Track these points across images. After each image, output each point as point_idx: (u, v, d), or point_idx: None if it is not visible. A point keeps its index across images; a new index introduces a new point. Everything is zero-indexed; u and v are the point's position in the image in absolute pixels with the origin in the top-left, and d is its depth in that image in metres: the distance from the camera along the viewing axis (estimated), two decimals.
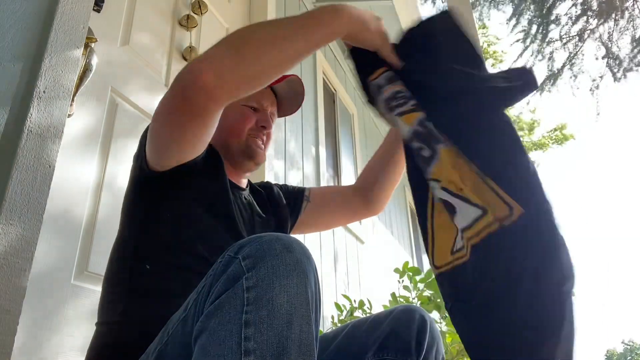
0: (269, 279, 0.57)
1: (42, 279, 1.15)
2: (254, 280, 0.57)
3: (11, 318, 0.83)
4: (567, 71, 5.20)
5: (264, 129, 1.05)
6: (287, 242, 0.61)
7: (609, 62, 4.96)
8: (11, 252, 0.84)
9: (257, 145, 1.04)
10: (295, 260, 0.60)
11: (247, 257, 0.59)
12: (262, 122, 1.05)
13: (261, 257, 0.59)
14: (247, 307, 0.56)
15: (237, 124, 1.03)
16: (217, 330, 0.56)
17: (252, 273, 0.58)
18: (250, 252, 0.60)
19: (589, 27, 4.91)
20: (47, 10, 1.01)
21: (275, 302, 0.56)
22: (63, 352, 1.17)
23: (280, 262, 0.59)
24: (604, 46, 4.92)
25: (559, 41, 5.04)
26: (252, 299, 0.56)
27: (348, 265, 3.10)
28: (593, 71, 5.11)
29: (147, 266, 0.83)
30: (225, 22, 2.25)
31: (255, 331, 0.55)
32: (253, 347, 0.54)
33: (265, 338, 0.54)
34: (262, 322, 0.55)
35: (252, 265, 0.58)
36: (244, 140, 1.03)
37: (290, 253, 0.60)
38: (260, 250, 0.60)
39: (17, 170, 0.87)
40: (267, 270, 0.58)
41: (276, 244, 0.60)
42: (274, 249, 0.60)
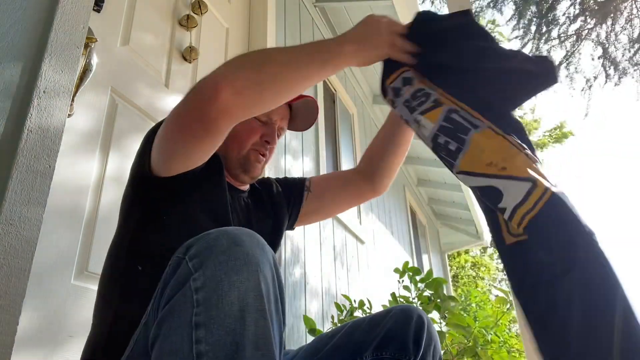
0: (218, 277, 0.55)
1: (42, 279, 1.15)
2: (202, 280, 0.55)
3: (11, 318, 0.83)
4: (564, 70, 5.20)
5: (267, 144, 1.03)
6: (235, 236, 0.59)
7: (605, 62, 4.96)
8: (11, 252, 0.84)
9: (257, 159, 1.03)
10: (245, 253, 0.58)
11: (194, 257, 0.58)
12: (267, 137, 1.03)
13: (208, 255, 0.57)
14: (196, 308, 0.54)
15: (242, 135, 1.01)
16: (169, 336, 0.55)
17: (200, 273, 0.56)
18: (196, 251, 0.58)
19: (586, 26, 4.91)
20: (47, 10, 1.01)
21: (226, 300, 0.54)
22: (63, 352, 1.17)
23: (229, 257, 0.57)
24: (601, 46, 4.92)
25: (557, 39, 5.04)
26: (202, 300, 0.55)
27: (348, 265, 3.10)
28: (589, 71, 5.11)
29: (140, 267, 0.82)
30: (225, 22, 2.25)
31: (206, 332, 0.53)
32: (205, 349, 0.52)
33: (216, 338, 0.53)
34: (213, 323, 0.53)
35: (199, 265, 0.56)
36: (245, 152, 1.02)
37: (239, 246, 0.58)
38: (207, 248, 0.58)
39: (17, 170, 0.87)
40: (214, 268, 0.56)
41: (223, 239, 0.58)
42: (221, 245, 0.58)
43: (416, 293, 2.17)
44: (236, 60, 0.78)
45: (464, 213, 6.67)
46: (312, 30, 3.26)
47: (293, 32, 2.87)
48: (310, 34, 3.19)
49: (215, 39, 2.16)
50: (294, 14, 2.96)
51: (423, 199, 6.60)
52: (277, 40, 2.56)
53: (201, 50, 1.99)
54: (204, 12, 2.03)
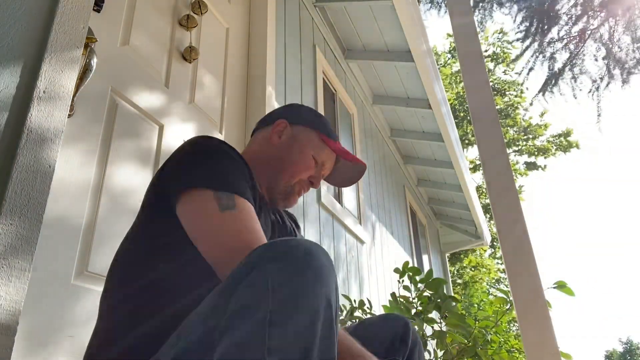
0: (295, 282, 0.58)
1: (42, 279, 1.15)
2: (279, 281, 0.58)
3: (11, 318, 0.83)
4: (568, 72, 5.19)
5: (311, 185, 1.09)
6: (310, 247, 0.62)
7: (609, 63, 4.95)
8: (11, 252, 0.84)
9: (299, 193, 1.08)
10: (320, 265, 0.61)
11: (274, 260, 0.60)
12: (313, 179, 1.09)
13: (287, 260, 0.60)
14: (272, 307, 0.57)
15: (298, 167, 1.06)
16: (241, 328, 0.57)
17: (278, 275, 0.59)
18: (276, 255, 0.61)
19: (589, 27, 4.91)
20: (47, 10, 1.01)
21: (300, 305, 0.57)
22: (63, 352, 1.17)
23: (305, 265, 0.60)
24: (605, 47, 4.92)
25: (560, 41, 5.04)
26: (278, 301, 0.57)
27: (348, 265, 3.10)
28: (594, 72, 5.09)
29: (161, 265, 0.83)
30: (225, 22, 2.25)
31: (280, 332, 0.55)
32: (278, 347, 0.55)
33: (289, 340, 0.55)
34: (287, 323, 0.56)
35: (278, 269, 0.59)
36: (293, 183, 1.06)
37: (314, 258, 0.61)
38: (286, 253, 0.61)
39: (17, 170, 0.87)
40: (292, 273, 0.59)
41: (301, 247, 0.62)
42: (299, 253, 0.61)
43: (416, 293, 2.17)
44: None
45: (464, 213, 6.67)
46: (312, 30, 3.26)
47: (293, 32, 2.87)
48: (310, 34, 3.19)
49: (215, 39, 2.16)
50: (294, 14, 2.96)
51: (423, 199, 6.60)
52: (277, 40, 2.56)
53: (201, 50, 1.99)
54: (204, 12, 2.03)
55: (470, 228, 7.15)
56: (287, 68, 2.65)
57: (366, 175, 4.01)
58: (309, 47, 3.11)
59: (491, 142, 1.41)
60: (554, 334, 1.20)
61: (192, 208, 0.82)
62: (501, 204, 1.32)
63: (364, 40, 3.77)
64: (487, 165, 1.38)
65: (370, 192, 4.04)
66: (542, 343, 1.18)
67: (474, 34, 1.59)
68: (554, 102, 5.45)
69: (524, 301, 1.20)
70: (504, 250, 1.28)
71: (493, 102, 1.47)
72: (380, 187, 4.42)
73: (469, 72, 1.53)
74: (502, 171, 1.35)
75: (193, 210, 0.81)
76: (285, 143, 1.09)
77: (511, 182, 1.34)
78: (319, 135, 1.11)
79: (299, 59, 2.88)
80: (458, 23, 1.62)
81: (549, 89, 5.47)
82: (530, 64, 5.38)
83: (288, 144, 1.09)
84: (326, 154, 1.11)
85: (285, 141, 1.09)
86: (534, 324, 1.18)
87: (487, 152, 1.40)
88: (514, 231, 1.28)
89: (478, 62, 1.54)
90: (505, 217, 1.30)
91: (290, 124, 1.12)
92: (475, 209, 6.19)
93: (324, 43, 3.46)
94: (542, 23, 4.95)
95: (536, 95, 5.66)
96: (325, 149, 1.11)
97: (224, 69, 2.18)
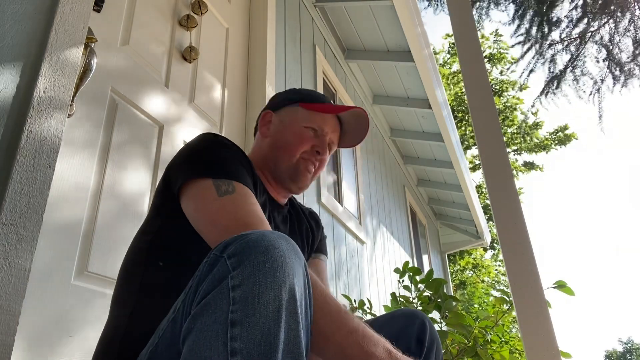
0: (255, 277, 0.56)
1: (42, 279, 1.15)
2: (240, 278, 0.56)
3: (11, 318, 0.83)
4: (570, 74, 5.19)
5: (317, 154, 1.04)
6: (273, 239, 0.60)
7: (610, 64, 4.95)
8: (11, 252, 0.84)
9: (307, 168, 1.04)
10: (282, 256, 0.59)
11: (233, 256, 0.59)
12: (317, 147, 1.04)
13: (247, 254, 0.58)
14: (232, 306, 0.55)
15: (293, 144, 1.03)
16: (203, 330, 0.55)
17: (238, 271, 0.57)
18: (235, 250, 0.59)
19: (590, 29, 4.91)
20: (47, 10, 1.01)
21: (262, 300, 0.55)
22: (63, 352, 1.17)
23: (267, 258, 0.58)
24: (605, 48, 4.92)
25: (560, 43, 5.04)
26: (238, 298, 0.55)
27: (348, 265, 3.10)
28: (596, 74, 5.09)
29: (160, 263, 0.84)
30: (225, 22, 2.25)
31: (241, 330, 0.54)
32: (240, 347, 0.53)
33: (252, 337, 0.54)
34: (249, 321, 0.54)
35: (238, 264, 0.58)
36: (295, 161, 1.03)
37: (277, 249, 0.59)
38: (246, 247, 0.59)
39: (17, 170, 0.87)
40: (252, 268, 0.57)
41: (262, 241, 0.59)
42: (260, 246, 0.59)
43: (416, 293, 2.17)
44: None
45: (464, 213, 6.67)
46: (312, 30, 3.26)
47: (293, 32, 2.87)
48: (310, 34, 3.19)
49: (215, 39, 2.16)
50: (294, 14, 2.96)
51: (423, 199, 6.60)
52: (277, 40, 2.56)
53: (201, 50, 1.99)
54: (204, 12, 2.03)
55: (470, 228, 7.16)
56: (287, 68, 2.65)
57: (366, 175, 4.01)
58: (309, 47, 3.11)
59: (491, 142, 1.41)
60: (554, 334, 1.20)
61: (192, 196, 0.83)
62: (501, 204, 1.32)
63: (364, 40, 3.77)
64: (487, 165, 1.38)
65: (370, 192, 4.04)
66: (542, 343, 1.18)
67: (474, 34, 1.59)
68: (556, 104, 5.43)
69: (524, 301, 1.20)
70: (504, 250, 1.28)
71: (493, 102, 1.47)
72: (380, 187, 4.41)
73: (469, 72, 1.53)
74: (502, 171, 1.35)
75: (193, 198, 0.83)
76: (274, 130, 1.08)
77: (511, 182, 1.34)
78: (302, 105, 1.08)
79: (299, 59, 2.88)
80: (458, 23, 1.62)
81: (551, 91, 5.48)
82: (531, 66, 5.38)
83: (277, 129, 1.07)
84: (319, 118, 1.06)
85: (274, 129, 1.08)
86: (534, 324, 1.18)
87: (487, 152, 1.40)
88: (514, 231, 1.28)
89: (478, 62, 1.54)
90: (505, 217, 1.30)
91: (274, 111, 1.11)
92: (475, 209, 6.19)
93: (324, 43, 3.46)
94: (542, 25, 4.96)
95: (538, 97, 5.66)
96: (315, 114, 1.07)
97: (224, 69, 2.18)
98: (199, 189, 0.83)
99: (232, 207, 0.79)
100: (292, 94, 1.13)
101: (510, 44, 5.15)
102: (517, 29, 5.05)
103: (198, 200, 0.82)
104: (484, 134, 1.42)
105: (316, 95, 1.13)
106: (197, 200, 0.82)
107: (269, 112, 1.12)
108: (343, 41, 3.82)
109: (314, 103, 1.08)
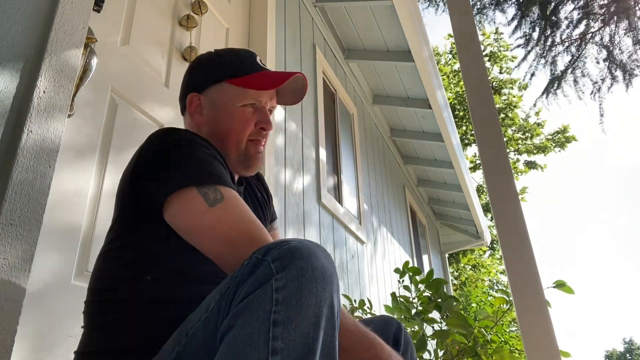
0: (298, 281, 0.59)
1: (42, 279, 1.15)
2: (284, 281, 0.59)
3: (11, 318, 0.83)
4: (570, 75, 5.19)
5: (263, 131, 0.98)
6: (313, 248, 0.63)
7: (610, 66, 4.96)
8: (11, 252, 0.84)
9: (257, 150, 0.98)
10: (322, 265, 0.61)
11: (277, 259, 0.61)
12: (262, 124, 0.97)
13: (290, 259, 0.60)
14: (275, 307, 0.57)
15: (236, 130, 0.96)
16: (245, 327, 0.57)
17: (282, 274, 0.59)
18: (279, 255, 0.61)
19: (590, 30, 4.91)
20: (47, 10, 1.01)
21: (304, 304, 0.57)
22: (63, 352, 1.17)
23: (309, 265, 0.60)
24: (606, 49, 4.92)
25: (561, 45, 5.04)
26: (282, 300, 0.57)
27: (348, 265, 3.10)
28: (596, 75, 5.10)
29: (148, 277, 0.81)
30: (225, 22, 2.25)
31: (283, 331, 0.56)
32: (280, 347, 0.55)
33: (292, 339, 0.56)
34: (290, 323, 0.56)
35: (282, 267, 0.60)
36: (243, 147, 0.97)
37: (317, 258, 0.61)
38: (289, 253, 0.61)
39: (17, 170, 0.87)
40: (296, 273, 0.59)
41: (304, 248, 0.62)
42: (303, 253, 0.61)
43: (416, 293, 2.17)
44: None
45: (464, 213, 6.67)
46: (312, 30, 3.26)
47: (293, 32, 2.87)
48: (310, 34, 3.19)
49: (215, 39, 2.16)
50: (294, 14, 2.96)
51: (423, 199, 6.60)
52: (277, 40, 2.56)
53: (201, 50, 1.99)
54: (204, 12, 2.03)
55: (470, 228, 7.16)
56: (287, 68, 2.65)
57: (366, 175, 4.01)
58: (309, 47, 3.11)
59: (491, 142, 1.41)
60: (554, 334, 1.20)
61: (180, 211, 0.79)
62: (501, 204, 1.32)
63: (364, 40, 3.77)
64: (487, 165, 1.38)
65: (370, 192, 4.04)
66: (542, 343, 1.18)
67: (474, 34, 1.59)
68: (558, 104, 5.44)
69: (524, 301, 1.20)
70: (504, 250, 1.28)
71: (493, 102, 1.47)
72: (380, 187, 4.42)
73: (469, 71, 1.53)
74: (502, 171, 1.35)
75: (182, 213, 0.78)
76: (209, 116, 0.98)
77: (511, 182, 1.34)
78: (231, 82, 0.97)
79: (298, 59, 2.88)
80: (458, 23, 1.62)
81: (552, 91, 5.48)
82: (533, 69, 5.38)
83: (212, 115, 0.98)
84: (252, 92, 0.96)
85: (207, 114, 0.98)
86: (534, 324, 1.18)
87: (487, 152, 1.40)
88: (514, 231, 1.28)
89: (478, 62, 1.54)
90: (505, 217, 1.30)
91: (201, 93, 0.99)
92: (475, 209, 6.19)
93: (324, 43, 3.46)
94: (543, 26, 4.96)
95: (539, 98, 5.67)
96: (247, 90, 0.96)
97: None
98: (186, 201, 0.78)
99: (228, 217, 0.77)
100: (215, 68, 1.01)
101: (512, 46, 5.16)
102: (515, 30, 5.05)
103: (188, 214, 0.78)
104: (484, 134, 1.42)
105: (240, 63, 1.00)
106: (186, 214, 0.78)
107: (195, 95, 1.00)
108: (343, 41, 3.82)
109: (243, 76, 0.97)
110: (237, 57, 1.02)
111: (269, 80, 0.98)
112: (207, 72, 1.01)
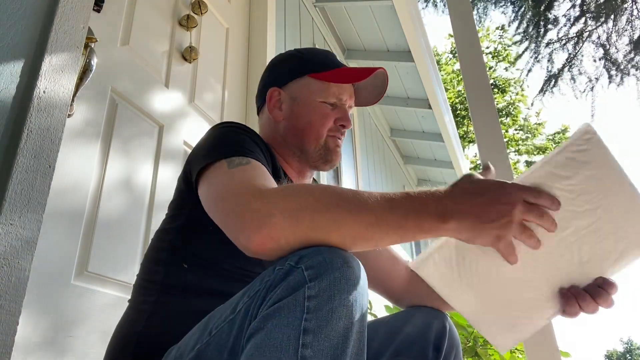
0: (331, 291, 0.58)
1: (42, 279, 1.15)
2: (316, 290, 0.58)
3: (11, 318, 0.83)
4: (567, 73, 5.20)
5: (342, 128, 0.99)
6: (347, 258, 0.62)
7: (606, 64, 4.97)
8: (11, 252, 0.84)
9: (336, 144, 0.99)
10: (355, 276, 0.61)
11: (310, 268, 0.60)
12: (341, 121, 0.98)
13: (324, 269, 0.60)
14: (307, 314, 0.57)
15: (316, 125, 0.97)
16: (274, 331, 0.57)
17: (315, 283, 0.58)
18: (313, 263, 0.60)
19: (587, 28, 4.91)
20: (47, 10, 1.01)
21: (335, 315, 0.57)
22: (63, 352, 1.17)
23: (342, 276, 0.59)
24: (602, 48, 4.93)
25: (558, 43, 5.05)
26: (313, 308, 0.57)
27: None
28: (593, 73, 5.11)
29: (185, 264, 0.84)
30: (225, 22, 2.25)
31: (313, 339, 0.55)
32: (310, 355, 0.55)
33: (322, 348, 0.55)
34: (321, 332, 0.56)
35: (315, 276, 0.59)
36: (323, 141, 0.97)
37: (351, 269, 0.61)
38: (323, 262, 0.60)
39: (17, 170, 0.87)
40: (329, 283, 0.58)
41: (338, 258, 0.61)
42: (337, 263, 0.60)
43: None
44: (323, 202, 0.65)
45: None
46: (312, 30, 3.26)
47: (293, 32, 2.87)
48: (310, 34, 3.19)
49: (215, 39, 2.16)
50: (294, 14, 2.96)
51: None
52: (277, 40, 2.56)
53: (201, 50, 1.99)
54: (204, 12, 2.03)
55: None
56: None
57: (366, 175, 4.01)
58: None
59: (491, 142, 1.41)
60: (554, 334, 1.20)
61: (205, 179, 0.78)
62: None
63: (364, 40, 3.77)
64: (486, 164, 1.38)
65: None
66: (542, 343, 1.18)
67: (474, 34, 1.59)
68: (555, 102, 5.46)
69: None
70: None
71: (493, 102, 1.47)
72: (380, 187, 4.41)
73: (469, 71, 1.53)
74: (502, 171, 1.35)
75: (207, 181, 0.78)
76: (288, 111, 0.99)
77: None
78: (313, 76, 0.99)
79: None
80: (458, 22, 1.62)
81: (549, 90, 5.49)
82: (530, 65, 5.39)
83: (291, 109, 0.99)
84: (334, 88, 0.98)
85: (287, 109, 1.00)
86: None
87: (487, 152, 1.40)
88: None
89: (478, 62, 1.54)
90: None
91: (281, 87, 1.01)
92: None
93: (324, 43, 3.46)
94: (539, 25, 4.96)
95: (537, 96, 5.68)
96: (330, 85, 0.98)
97: (224, 69, 2.18)
98: (211, 171, 0.77)
99: (242, 175, 0.73)
100: (296, 63, 1.02)
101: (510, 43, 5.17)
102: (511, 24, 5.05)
103: (210, 179, 0.77)
104: (484, 134, 1.42)
105: (323, 59, 1.02)
106: (209, 180, 0.77)
107: (275, 89, 1.02)
108: (343, 41, 3.82)
109: (326, 71, 0.99)
110: (319, 53, 1.05)
111: (350, 75, 0.99)
112: (289, 67, 1.02)
